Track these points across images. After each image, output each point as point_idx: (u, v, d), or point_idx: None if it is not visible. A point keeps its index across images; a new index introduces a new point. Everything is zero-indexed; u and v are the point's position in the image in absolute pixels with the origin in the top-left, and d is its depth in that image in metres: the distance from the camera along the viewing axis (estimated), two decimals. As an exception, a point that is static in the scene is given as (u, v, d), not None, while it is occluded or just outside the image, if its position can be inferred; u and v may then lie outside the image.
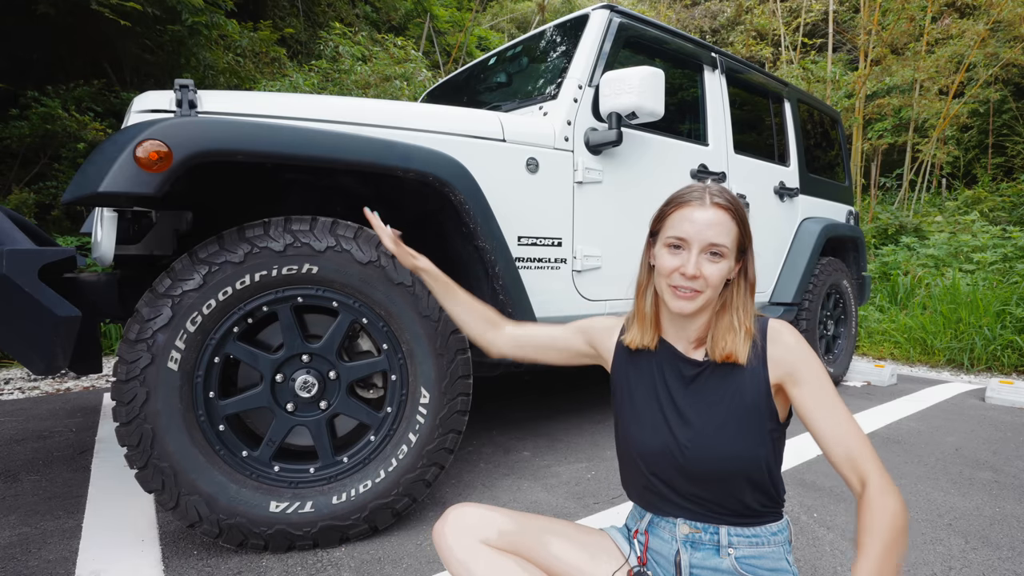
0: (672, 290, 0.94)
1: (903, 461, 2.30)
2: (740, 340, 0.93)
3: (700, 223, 0.91)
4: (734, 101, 2.97)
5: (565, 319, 2.14)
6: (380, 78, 7.10)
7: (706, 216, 0.91)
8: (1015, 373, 4.27)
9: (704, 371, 0.96)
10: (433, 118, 1.83)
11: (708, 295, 0.93)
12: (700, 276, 0.91)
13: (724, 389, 0.94)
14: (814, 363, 0.91)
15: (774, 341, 0.93)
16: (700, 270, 0.91)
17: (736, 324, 0.94)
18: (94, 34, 5.67)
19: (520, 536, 0.94)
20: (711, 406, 0.94)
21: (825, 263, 3.52)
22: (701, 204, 0.92)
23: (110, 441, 2.42)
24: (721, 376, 0.95)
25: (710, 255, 0.91)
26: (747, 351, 0.93)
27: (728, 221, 0.92)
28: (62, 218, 5.27)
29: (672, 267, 0.93)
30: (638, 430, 0.99)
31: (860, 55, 8.55)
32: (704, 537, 0.94)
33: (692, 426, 0.94)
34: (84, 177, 1.28)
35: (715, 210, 0.92)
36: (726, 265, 0.92)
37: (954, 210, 7.80)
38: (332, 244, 1.50)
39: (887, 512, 0.80)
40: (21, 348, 1.30)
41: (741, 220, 0.94)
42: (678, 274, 0.92)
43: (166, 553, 1.51)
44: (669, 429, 0.95)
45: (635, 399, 1.02)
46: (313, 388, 1.54)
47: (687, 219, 0.92)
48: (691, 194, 0.95)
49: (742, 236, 0.94)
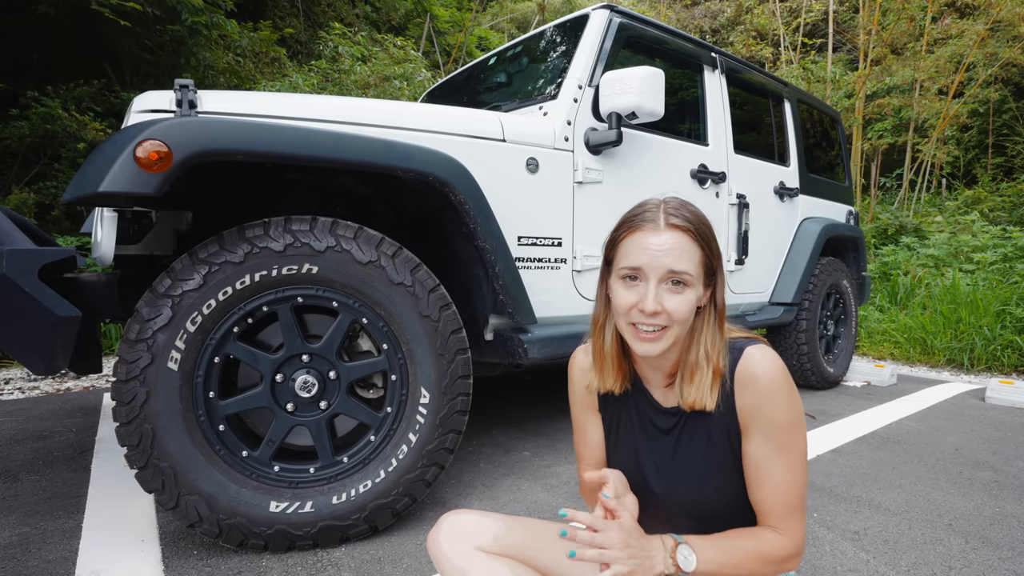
0: (633, 330, 0.83)
1: (903, 461, 2.30)
2: (707, 383, 0.84)
3: (655, 250, 0.79)
4: (734, 101, 2.97)
5: (565, 319, 2.15)
6: (380, 78, 7.10)
7: (662, 241, 0.79)
8: (1015, 373, 4.27)
9: (679, 421, 0.90)
10: (433, 118, 1.83)
11: (676, 331, 0.82)
12: (662, 311, 0.80)
13: (699, 440, 0.89)
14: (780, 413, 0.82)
15: (743, 387, 0.84)
16: (661, 304, 0.80)
17: (703, 361, 0.84)
18: (94, 34, 5.67)
19: (515, 541, 0.93)
20: (686, 457, 0.89)
21: (825, 263, 3.52)
22: (655, 228, 0.80)
23: (110, 441, 2.42)
24: (696, 423, 0.89)
25: (671, 284, 0.80)
26: (715, 396, 0.84)
27: (689, 244, 0.80)
28: (62, 218, 5.27)
29: (629, 304, 0.82)
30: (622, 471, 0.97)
31: (860, 55, 8.55)
32: None
33: (669, 478, 0.90)
34: (84, 177, 1.28)
35: (672, 233, 0.80)
36: (692, 295, 0.81)
37: (954, 210, 7.80)
38: (332, 244, 1.50)
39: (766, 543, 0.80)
40: (21, 348, 1.30)
41: (705, 240, 0.82)
42: (636, 311, 0.81)
43: (166, 553, 1.51)
44: (645, 480, 0.93)
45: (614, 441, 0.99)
46: (313, 388, 1.54)
47: (640, 246, 0.80)
48: (644, 215, 0.82)
49: (708, 257, 0.83)
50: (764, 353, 0.84)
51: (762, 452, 0.84)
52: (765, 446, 0.83)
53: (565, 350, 1.96)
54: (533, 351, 1.89)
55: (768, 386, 0.82)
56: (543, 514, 1.78)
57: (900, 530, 1.69)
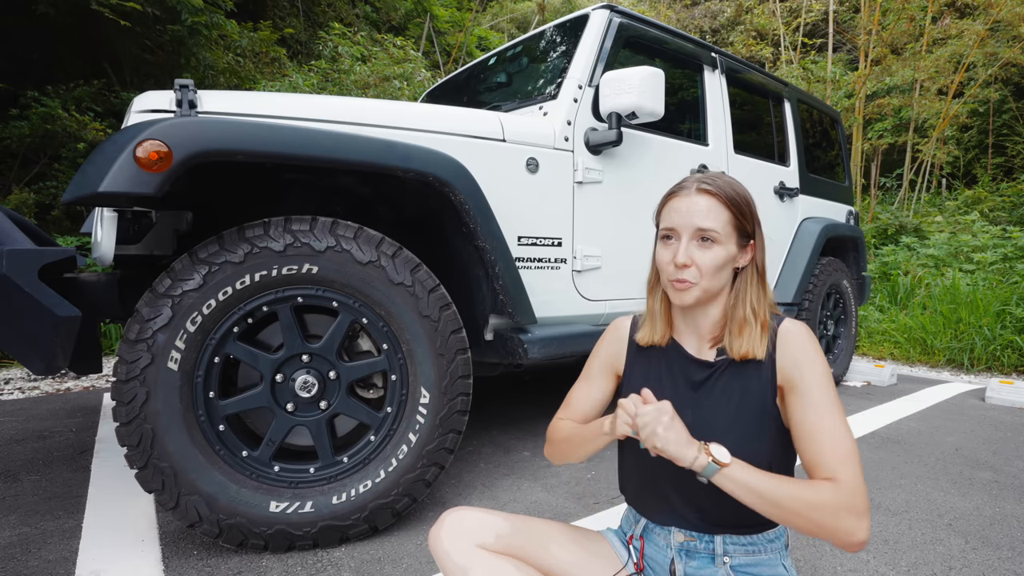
0: (671, 283, 0.92)
1: (903, 461, 2.30)
2: (757, 335, 0.90)
3: (686, 211, 0.90)
4: (734, 101, 2.97)
5: (565, 319, 2.15)
6: (379, 78, 7.10)
7: (692, 203, 0.90)
8: (1015, 373, 4.27)
9: (714, 374, 0.93)
10: (433, 118, 1.83)
11: (705, 284, 0.90)
12: (691, 264, 0.89)
13: (732, 393, 0.91)
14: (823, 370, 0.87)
15: (784, 344, 0.90)
16: (691, 258, 0.89)
17: (751, 317, 0.91)
18: (94, 34, 5.68)
19: (517, 539, 0.93)
20: (716, 413, 0.91)
21: (825, 263, 3.52)
22: (688, 193, 0.92)
23: (110, 441, 2.42)
24: (731, 378, 0.92)
25: (700, 241, 0.90)
26: (764, 346, 0.90)
27: (716, 205, 0.90)
28: (62, 218, 5.27)
29: (667, 259, 0.92)
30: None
31: (860, 55, 8.55)
32: (699, 545, 0.92)
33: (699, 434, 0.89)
34: (84, 177, 1.28)
35: (701, 196, 0.90)
36: (721, 251, 0.90)
37: (954, 210, 7.80)
38: (332, 244, 1.50)
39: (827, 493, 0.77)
40: (21, 348, 1.30)
41: (734, 204, 0.91)
42: (672, 265, 0.91)
43: (166, 553, 1.51)
44: None
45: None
46: (313, 388, 1.54)
47: (674, 209, 0.92)
48: (682, 184, 0.94)
49: (740, 220, 0.91)
50: (797, 321, 0.94)
51: (811, 401, 0.85)
52: (813, 396, 0.85)
53: (565, 350, 1.96)
54: (533, 351, 1.89)
55: (808, 343, 0.90)
56: (543, 514, 1.77)
57: (900, 530, 1.69)
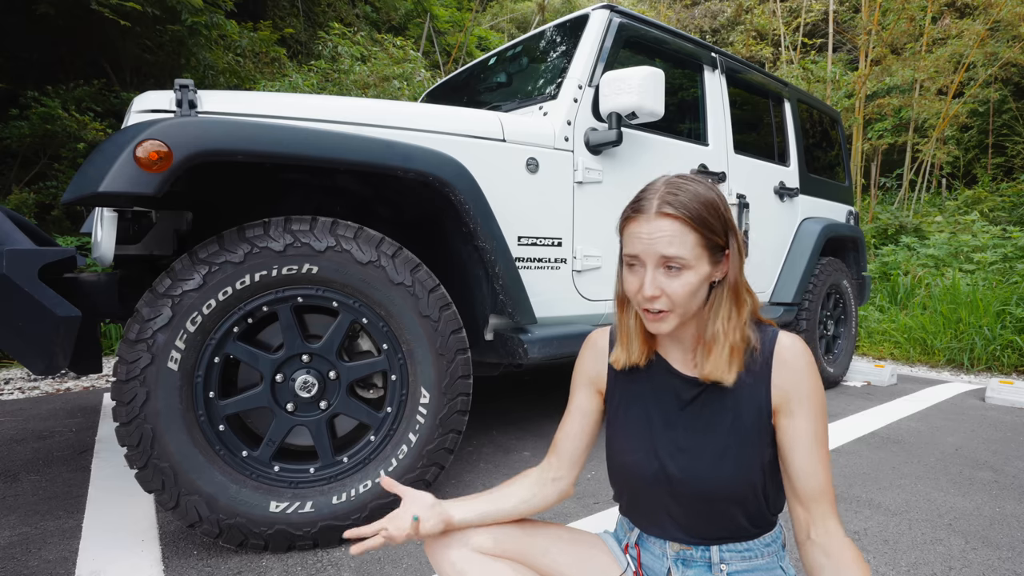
0: (643, 313, 0.86)
1: (903, 461, 2.30)
2: (724, 358, 0.84)
3: (647, 238, 0.81)
4: (734, 101, 2.97)
5: (565, 319, 2.15)
6: (379, 78, 7.10)
7: (652, 229, 0.81)
8: (1015, 373, 4.27)
9: (703, 391, 0.89)
10: (433, 118, 1.83)
11: (681, 311, 0.83)
12: (661, 294, 0.82)
13: (723, 411, 0.87)
14: (816, 395, 0.84)
15: (782, 364, 0.85)
16: (660, 287, 0.82)
17: (720, 336, 0.85)
18: (94, 34, 5.68)
19: (514, 542, 0.92)
20: (707, 431, 0.87)
21: (825, 263, 3.52)
22: (647, 217, 0.82)
23: (110, 441, 2.42)
24: (722, 395, 0.87)
25: (666, 269, 0.82)
26: (734, 370, 0.84)
27: (681, 229, 0.80)
28: (62, 218, 5.27)
29: (635, 287, 0.85)
30: (626, 455, 0.93)
31: (860, 55, 8.55)
32: (695, 554, 0.91)
33: (686, 454, 0.88)
34: (84, 177, 1.28)
35: (662, 220, 0.81)
36: (691, 275, 0.82)
37: (954, 210, 7.80)
38: (332, 244, 1.50)
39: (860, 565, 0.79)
40: (21, 348, 1.30)
41: (702, 224, 0.81)
42: (640, 295, 0.84)
43: (166, 553, 1.51)
44: (659, 457, 0.90)
45: (626, 420, 0.95)
46: (313, 388, 1.54)
47: (635, 236, 0.83)
48: (640, 203, 0.84)
49: (709, 238, 0.82)
50: (796, 337, 0.89)
51: (807, 428, 0.83)
52: (808, 422, 0.83)
53: (565, 350, 1.96)
54: (533, 351, 1.89)
55: (808, 365, 0.85)
56: (543, 515, 1.77)
57: (900, 530, 1.69)
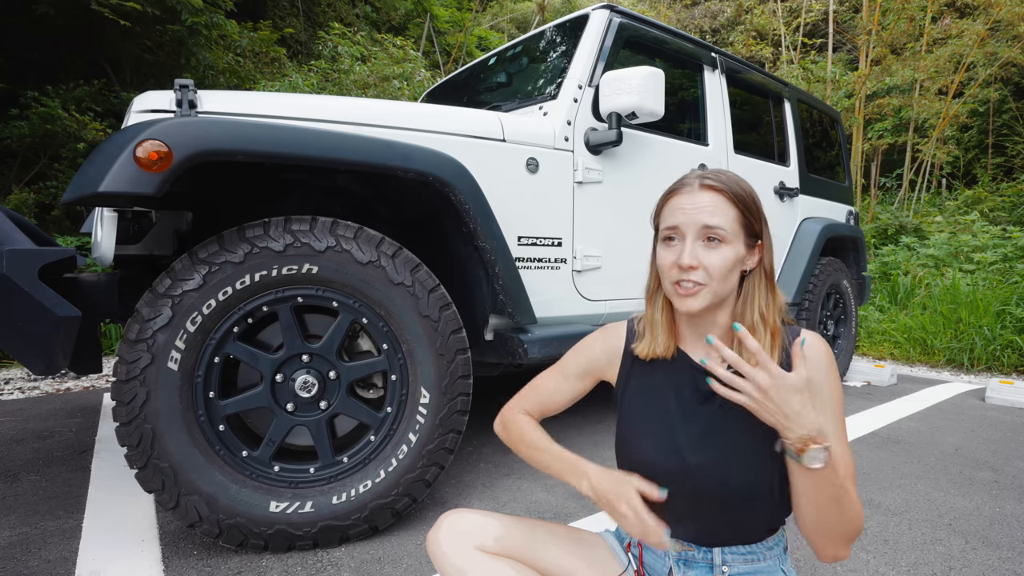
0: (675, 288, 0.86)
1: (903, 461, 2.30)
2: (766, 345, 0.84)
3: (690, 208, 0.84)
4: (734, 101, 2.97)
5: (565, 319, 2.15)
6: (379, 78, 7.10)
7: (696, 199, 0.84)
8: (1015, 373, 4.27)
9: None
10: (433, 118, 1.83)
11: (714, 288, 0.84)
12: (699, 266, 0.83)
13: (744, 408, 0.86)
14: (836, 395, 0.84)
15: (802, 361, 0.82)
16: (698, 259, 0.83)
17: (759, 323, 0.85)
18: (94, 34, 5.68)
19: (515, 541, 0.92)
20: (729, 427, 0.86)
21: (825, 263, 3.52)
22: (691, 189, 0.86)
23: (110, 441, 2.42)
24: None
25: (707, 241, 0.83)
26: (777, 356, 0.84)
27: (723, 202, 0.84)
28: (62, 218, 5.27)
29: (670, 262, 0.86)
30: (644, 448, 0.92)
31: (860, 55, 8.55)
32: (697, 555, 0.91)
33: (706, 449, 0.86)
34: (84, 177, 1.28)
35: (705, 192, 0.84)
36: (729, 251, 0.83)
37: (954, 210, 7.80)
38: (332, 244, 1.50)
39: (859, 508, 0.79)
40: (21, 348, 1.30)
41: (741, 201, 0.85)
42: (676, 268, 0.84)
43: (166, 553, 1.51)
44: (679, 451, 0.88)
45: (643, 414, 0.94)
46: (313, 388, 1.54)
47: (677, 207, 0.86)
48: (683, 181, 0.88)
49: (747, 219, 0.85)
50: (817, 335, 0.88)
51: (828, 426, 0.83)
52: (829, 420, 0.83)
53: (565, 350, 1.95)
54: (533, 351, 1.89)
55: (829, 363, 0.84)
56: (543, 514, 1.78)
57: (900, 530, 1.69)
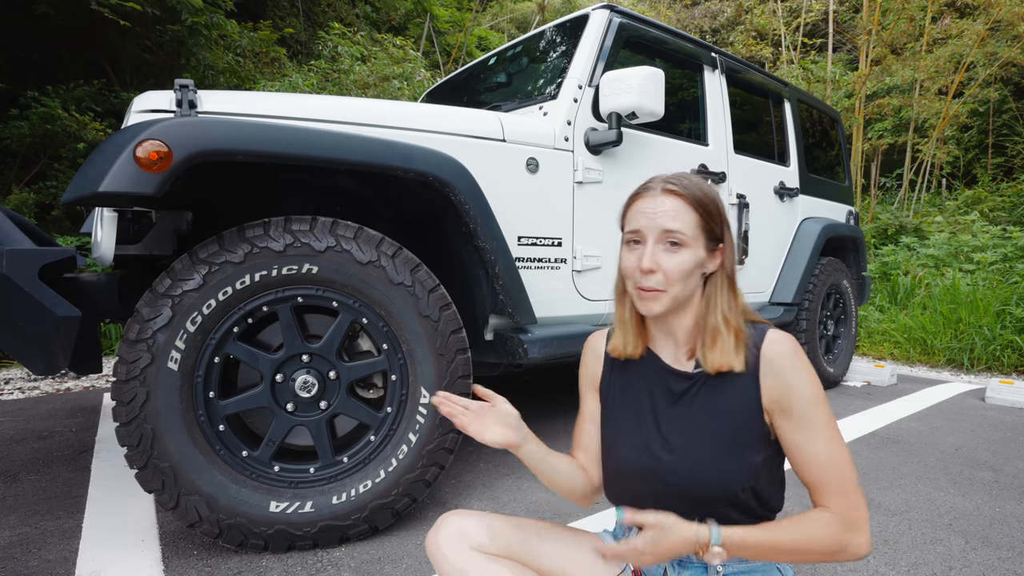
0: (637, 292, 0.89)
1: (903, 461, 2.30)
2: (731, 346, 0.86)
3: (651, 212, 0.86)
4: (734, 101, 2.97)
5: (565, 319, 2.15)
6: (379, 78, 7.10)
7: (657, 204, 0.87)
8: (1015, 373, 4.27)
9: (693, 386, 0.90)
10: (433, 118, 1.83)
11: (674, 291, 0.86)
12: (658, 269, 0.85)
13: (714, 406, 0.87)
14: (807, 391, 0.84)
15: (769, 362, 0.85)
16: (657, 262, 0.85)
17: (722, 326, 0.87)
18: (94, 34, 5.68)
19: (514, 541, 0.92)
20: (698, 426, 0.88)
21: (825, 263, 3.52)
22: (654, 194, 0.88)
23: (110, 441, 2.42)
24: (712, 390, 0.88)
25: (667, 245, 0.86)
26: (741, 356, 0.85)
27: (683, 207, 0.86)
28: (62, 218, 5.27)
29: (632, 264, 0.88)
30: (619, 448, 0.95)
31: (860, 55, 8.55)
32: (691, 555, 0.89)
33: (675, 448, 0.88)
34: (84, 177, 1.28)
35: (667, 197, 0.87)
36: (688, 255, 0.86)
37: (954, 210, 7.80)
38: (332, 244, 1.50)
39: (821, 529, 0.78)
40: (21, 348, 1.30)
41: (701, 205, 0.87)
42: (637, 271, 0.87)
43: (166, 553, 1.51)
44: (651, 450, 0.90)
45: (619, 414, 0.97)
46: (313, 388, 1.54)
47: (639, 211, 0.89)
48: (647, 185, 0.91)
49: (708, 223, 0.87)
50: (782, 334, 0.89)
51: (803, 425, 0.83)
52: (805, 419, 0.83)
53: (565, 350, 1.96)
54: (533, 351, 1.89)
55: (795, 359, 0.85)
56: (543, 514, 1.78)
57: (900, 530, 1.69)
